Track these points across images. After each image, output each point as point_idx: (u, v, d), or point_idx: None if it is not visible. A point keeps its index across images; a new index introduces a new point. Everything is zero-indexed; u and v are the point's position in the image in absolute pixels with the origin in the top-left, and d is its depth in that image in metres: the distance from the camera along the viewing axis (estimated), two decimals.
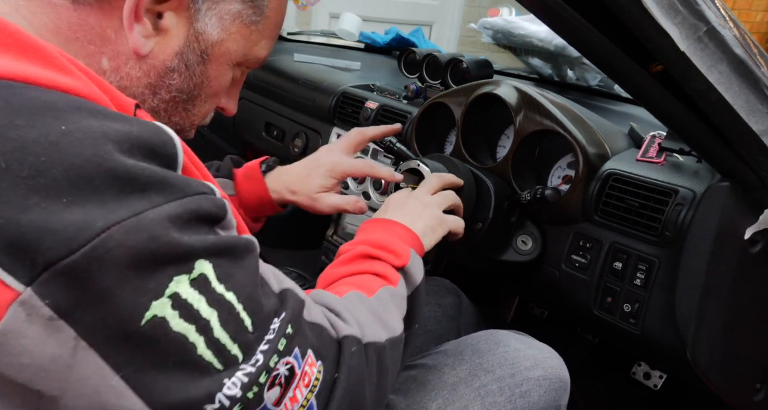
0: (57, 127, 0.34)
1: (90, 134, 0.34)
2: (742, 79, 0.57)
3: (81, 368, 0.33)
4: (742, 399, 0.83)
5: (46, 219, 0.32)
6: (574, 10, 0.53)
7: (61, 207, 0.32)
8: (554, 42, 1.30)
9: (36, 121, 0.34)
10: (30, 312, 0.32)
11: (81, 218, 0.32)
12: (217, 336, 0.37)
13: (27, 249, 0.32)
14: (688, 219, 0.75)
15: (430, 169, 0.86)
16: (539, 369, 0.70)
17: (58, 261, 0.32)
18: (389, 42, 1.76)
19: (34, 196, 0.32)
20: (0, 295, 0.31)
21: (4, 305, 0.31)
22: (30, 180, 0.32)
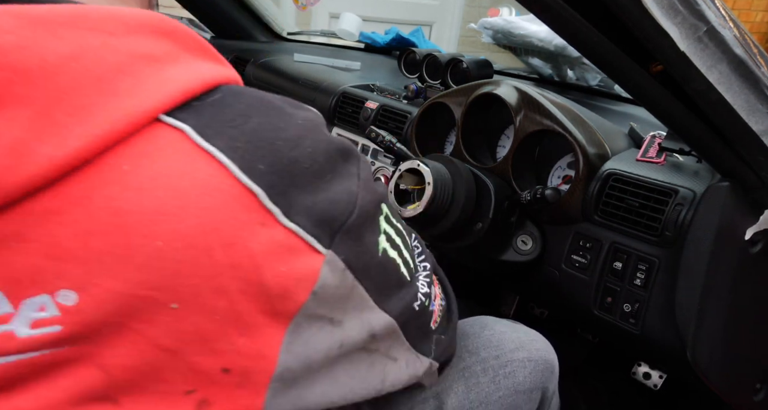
0: (300, 123, 0.41)
1: (313, 122, 0.42)
2: (742, 79, 0.57)
3: (354, 299, 0.43)
4: (742, 399, 0.83)
5: (327, 196, 0.40)
6: (574, 10, 0.53)
7: (330, 183, 0.40)
8: (554, 42, 1.30)
9: (287, 121, 0.40)
10: (333, 268, 0.40)
11: (344, 187, 0.41)
12: (405, 256, 0.49)
13: (325, 220, 0.39)
14: (688, 219, 0.75)
15: (430, 169, 0.86)
16: (524, 351, 0.70)
17: (343, 224, 0.40)
18: (389, 42, 1.76)
19: (318, 181, 0.40)
20: (314, 260, 0.39)
21: (318, 267, 0.39)
22: (311, 169, 0.39)
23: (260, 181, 0.36)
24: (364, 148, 1.29)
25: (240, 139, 0.37)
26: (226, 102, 0.38)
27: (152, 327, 0.35)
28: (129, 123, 0.33)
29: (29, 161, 0.31)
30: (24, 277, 0.32)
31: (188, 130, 0.35)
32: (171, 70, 0.36)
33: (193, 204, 0.35)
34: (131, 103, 0.33)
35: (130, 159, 0.33)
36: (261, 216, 0.36)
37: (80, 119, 0.32)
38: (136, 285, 0.34)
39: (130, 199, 0.33)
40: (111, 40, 0.34)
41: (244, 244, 0.36)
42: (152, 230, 0.33)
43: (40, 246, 0.32)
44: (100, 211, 0.33)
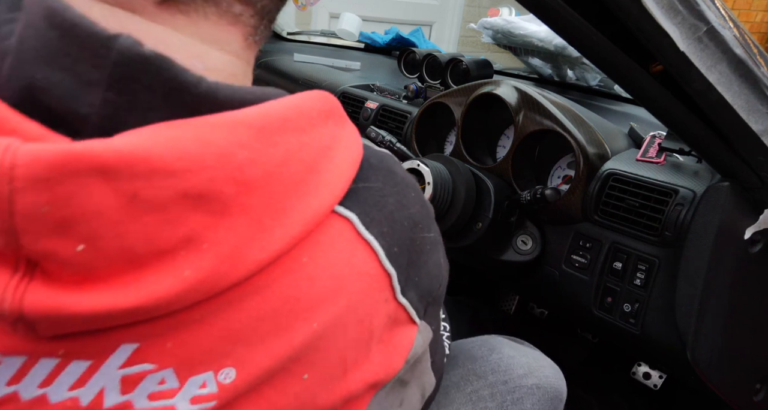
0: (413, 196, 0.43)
1: (418, 192, 0.44)
2: (742, 79, 0.57)
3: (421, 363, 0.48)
4: (742, 399, 0.83)
5: (427, 270, 0.43)
6: (574, 10, 0.53)
7: (428, 256, 0.43)
8: (554, 42, 1.30)
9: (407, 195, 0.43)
10: (424, 337, 0.44)
11: (436, 259, 0.44)
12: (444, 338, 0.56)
13: (425, 294, 0.43)
14: (688, 219, 0.75)
15: (430, 169, 0.86)
16: (533, 378, 0.69)
17: (436, 294, 0.44)
18: (389, 42, 1.76)
19: (422, 256, 0.42)
20: (410, 331, 0.42)
21: (413, 337, 0.43)
22: (420, 245, 0.42)
23: (395, 263, 0.40)
24: None
25: (385, 224, 0.39)
26: (370, 180, 0.40)
27: (283, 396, 0.36)
28: (315, 220, 0.35)
29: (241, 267, 0.32)
30: (195, 357, 0.33)
31: (355, 219, 0.38)
32: (338, 157, 0.37)
33: (347, 289, 0.37)
34: (317, 201, 0.35)
35: (308, 251, 0.35)
36: (387, 294, 0.40)
37: (281, 222, 0.33)
38: (285, 361, 0.35)
39: (302, 287, 0.35)
40: (304, 139, 0.35)
41: (371, 321, 0.39)
42: (313, 314, 0.35)
43: (218, 330, 0.33)
44: (275, 298, 0.34)
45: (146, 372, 0.33)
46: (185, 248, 0.30)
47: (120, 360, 0.32)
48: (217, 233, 0.31)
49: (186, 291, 0.31)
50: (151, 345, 0.32)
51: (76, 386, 0.32)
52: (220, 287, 0.32)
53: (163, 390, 0.33)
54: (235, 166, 0.31)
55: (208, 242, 0.31)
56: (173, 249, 0.30)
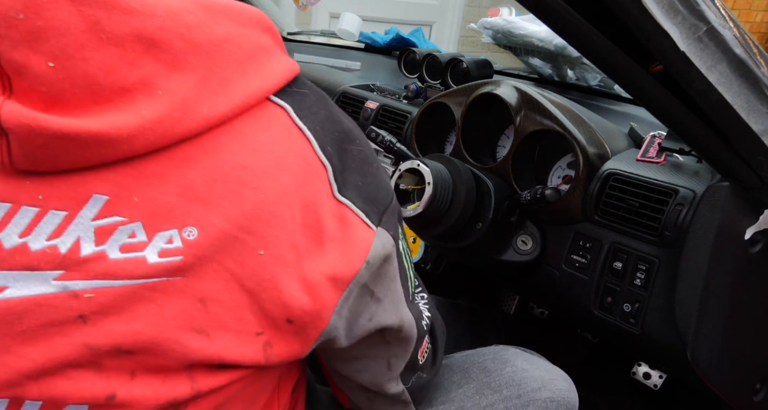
0: (348, 121, 0.49)
1: (357, 125, 0.51)
2: (742, 79, 0.57)
3: (394, 284, 0.50)
4: (742, 399, 0.83)
5: (375, 180, 0.48)
6: (574, 10, 0.53)
7: (376, 170, 0.49)
8: (554, 42, 1.30)
9: (342, 113, 0.50)
10: (383, 241, 0.46)
11: (385, 177, 0.50)
12: (409, 275, 0.54)
13: (374, 201, 0.47)
14: (688, 219, 0.75)
15: (430, 169, 0.86)
16: (546, 391, 0.69)
17: (388, 205, 0.48)
18: (389, 42, 1.76)
19: (365, 166, 0.47)
20: (366, 233, 0.45)
21: (370, 240, 0.45)
22: (360, 155, 0.47)
23: (329, 159, 0.45)
24: None
25: (317, 124, 0.45)
26: (306, 90, 0.47)
27: (242, 269, 0.40)
28: (255, 98, 0.41)
29: (191, 117, 0.38)
30: (161, 213, 0.38)
31: (289, 108, 0.44)
32: (275, 61, 0.44)
33: (288, 167, 0.42)
34: (257, 83, 0.41)
35: (249, 125, 0.41)
36: (327, 188, 0.44)
37: (225, 90, 0.39)
38: (239, 227, 0.39)
39: (247, 156, 0.40)
40: (245, 31, 0.42)
41: (315, 209, 0.43)
42: (259, 184, 0.40)
43: (176, 187, 0.38)
44: (225, 164, 0.40)
45: (117, 224, 0.37)
46: (142, 91, 0.36)
47: (93, 211, 0.37)
48: (170, 83, 0.37)
49: (143, 127, 0.36)
50: (119, 198, 0.37)
51: (53, 236, 0.36)
52: (174, 134, 0.37)
53: (134, 242, 0.38)
54: (182, 24, 0.38)
55: (162, 89, 0.37)
56: (132, 89, 0.36)
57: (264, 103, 0.43)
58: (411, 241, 1.23)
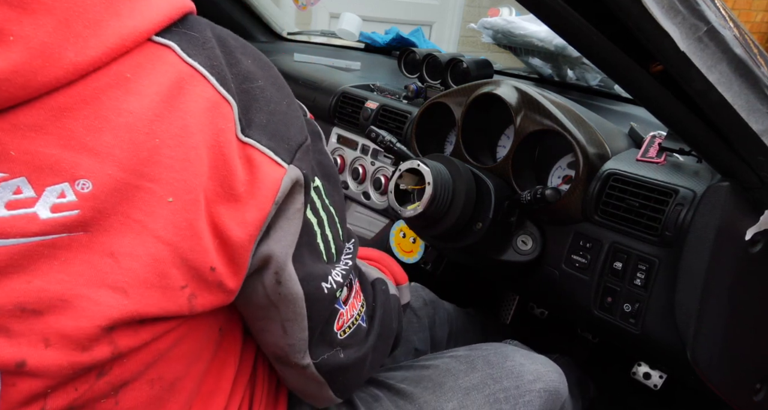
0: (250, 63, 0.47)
1: (265, 63, 0.49)
2: (743, 79, 0.57)
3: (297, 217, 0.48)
4: (742, 399, 0.83)
5: (284, 118, 0.47)
6: (574, 10, 0.53)
7: (287, 107, 0.48)
8: (554, 42, 1.30)
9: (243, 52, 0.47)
10: (294, 179, 0.45)
11: (299, 116, 0.48)
12: (326, 233, 0.52)
13: (283, 138, 0.46)
14: (688, 220, 0.75)
15: (430, 169, 0.86)
16: (541, 382, 0.76)
17: (302, 142, 0.47)
18: (389, 42, 1.76)
19: (274, 105, 0.46)
20: (275, 171, 0.44)
21: (279, 178, 0.44)
22: (263, 93, 0.46)
23: (232, 96, 0.43)
24: (364, 148, 1.29)
25: (213, 60, 0.43)
26: (198, 29, 0.44)
27: (153, 219, 0.39)
28: (132, 39, 0.39)
29: (55, 64, 0.35)
30: (45, 166, 0.36)
31: (175, 46, 0.41)
32: (155, 2, 0.41)
33: (183, 107, 0.40)
34: (132, 23, 0.39)
35: (130, 69, 0.39)
36: (233, 127, 0.42)
37: (95, 32, 0.37)
38: (139, 176, 0.38)
39: (132, 101, 0.38)
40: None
41: (222, 150, 0.41)
42: (152, 129, 0.38)
43: (57, 138, 0.36)
44: (109, 111, 0.37)
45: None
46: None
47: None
48: (22, 28, 0.34)
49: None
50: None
51: None
52: (40, 84, 0.35)
53: (20, 198, 0.36)
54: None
55: (14, 35, 0.34)
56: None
57: (145, 45, 0.40)
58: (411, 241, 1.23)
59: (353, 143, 1.31)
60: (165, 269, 0.40)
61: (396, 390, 0.73)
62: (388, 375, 0.77)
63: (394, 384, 0.74)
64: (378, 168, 1.26)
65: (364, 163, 1.28)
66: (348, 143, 1.33)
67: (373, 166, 1.26)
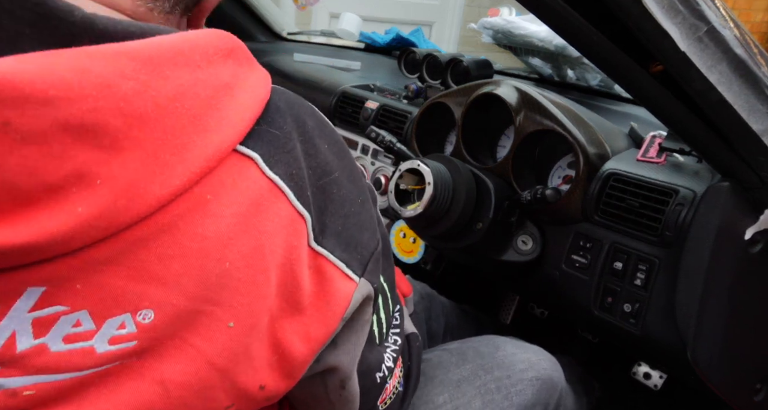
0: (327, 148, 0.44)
1: (341, 146, 0.46)
2: (743, 79, 0.57)
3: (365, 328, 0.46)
4: (742, 399, 0.83)
5: (359, 221, 0.43)
6: (575, 10, 0.53)
7: (360, 207, 0.44)
8: (554, 42, 1.30)
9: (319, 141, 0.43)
10: (365, 294, 0.43)
11: (372, 214, 0.46)
12: (381, 316, 0.50)
13: (357, 247, 0.42)
14: (688, 220, 0.75)
15: (430, 169, 0.86)
16: (533, 371, 0.77)
17: (374, 250, 0.44)
18: (389, 42, 1.76)
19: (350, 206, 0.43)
20: (346, 287, 0.41)
21: (350, 294, 0.42)
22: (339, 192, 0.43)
23: (309, 207, 0.40)
24: (364, 148, 1.29)
25: (294, 166, 0.39)
26: (277, 123, 0.40)
27: (210, 344, 0.36)
28: (217, 157, 0.35)
29: (140, 201, 0.32)
30: (110, 298, 0.33)
31: (258, 159, 0.37)
32: (241, 96, 0.37)
33: (258, 228, 0.37)
34: (219, 138, 0.35)
35: (212, 189, 0.35)
36: (305, 239, 0.40)
37: (181, 158, 0.33)
38: (203, 301, 0.35)
39: (208, 225, 0.35)
40: (200, 74, 0.35)
41: (293, 267, 0.39)
42: (223, 253, 0.36)
43: (127, 269, 0.33)
44: (183, 237, 0.34)
45: (58, 313, 0.32)
46: (77, 184, 0.30)
47: (28, 303, 0.32)
48: (111, 168, 0.31)
49: (81, 227, 0.30)
50: (59, 287, 0.32)
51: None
52: (121, 223, 0.32)
53: (80, 332, 0.33)
54: (119, 97, 0.31)
55: (101, 178, 0.31)
56: (63, 185, 0.30)
57: (229, 157, 0.36)
58: (411, 241, 1.23)
59: (353, 143, 1.31)
60: (213, 394, 0.38)
61: None
62: None
63: None
64: (378, 168, 1.26)
65: (364, 163, 1.28)
66: (348, 143, 1.33)
67: (373, 166, 1.26)
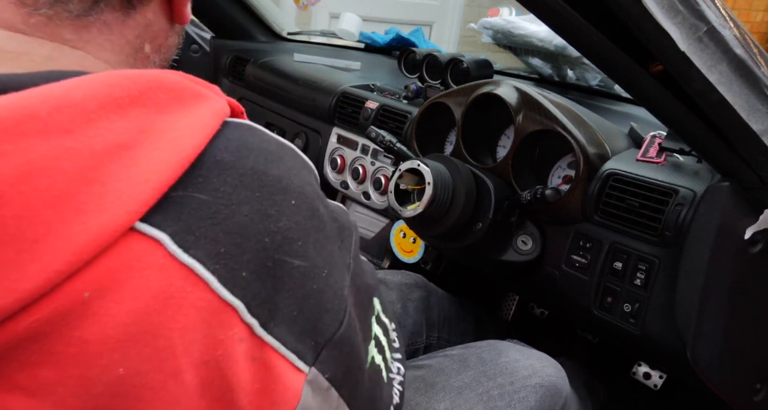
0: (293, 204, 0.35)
1: (308, 197, 0.36)
2: (743, 79, 0.57)
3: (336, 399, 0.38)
4: (742, 399, 0.83)
5: (318, 301, 0.35)
6: (575, 10, 0.53)
7: (323, 284, 0.35)
8: (554, 42, 1.30)
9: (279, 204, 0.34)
10: (315, 387, 0.35)
11: (335, 291, 0.36)
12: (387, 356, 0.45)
13: (311, 333, 0.34)
14: (688, 219, 0.75)
15: (430, 169, 0.86)
16: (536, 378, 0.75)
17: (332, 336, 0.36)
18: (389, 42, 1.76)
19: (307, 282, 0.34)
20: (295, 380, 0.34)
21: (299, 388, 0.34)
22: (300, 268, 0.34)
23: (242, 292, 0.32)
24: (364, 148, 1.29)
25: (223, 242, 0.31)
26: (211, 185, 0.31)
27: None
28: (97, 245, 0.28)
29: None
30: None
31: (165, 239, 0.30)
32: (145, 158, 0.29)
33: (162, 325, 0.30)
34: (99, 220, 0.27)
35: (92, 284, 0.28)
36: (240, 332, 0.32)
37: (34, 255, 0.26)
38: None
39: (89, 327, 0.28)
40: (67, 142, 0.27)
41: (218, 364, 0.32)
42: (113, 359, 0.29)
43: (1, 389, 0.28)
44: (56, 343, 0.28)
45: None
46: None
47: None
48: None
49: None
50: None
51: None
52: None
53: None
54: None
55: None
56: None
57: (123, 241, 0.29)
58: (411, 241, 1.23)
59: (353, 143, 1.31)
60: None
61: None
62: None
63: None
64: (378, 168, 1.26)
65: (364, 163, 1.28)
66: (348, 143, 1.33)
67: (373, 166, 1.26)
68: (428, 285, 1.08)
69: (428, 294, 1.05)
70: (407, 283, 1.04)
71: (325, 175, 1.38)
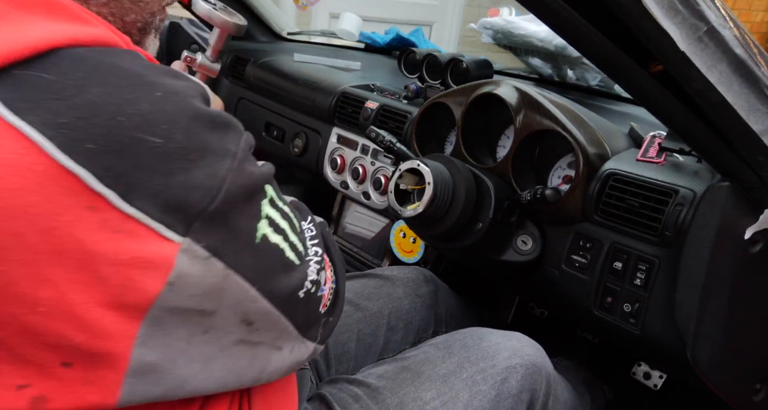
0: (159, 95, 0.38)
1: (179, 94, 0.39)
2: (743, 79, 0.57)
3: (230, 288, 0.41)
4: (742, 399, 0.83)
5: (186, 178, 0.37)
6: (575, 11, 0.53)
7: (191, 164, 0.38)
8: (554, 42, 1.30)
9: (140, 92, 0.37)
10: (191, 256, 0.38)
11: (208, 171, 0.39)
12: (292, 240, 0.47)
13: (180, 206, 0.37)
14: (688, 219, 0.75)
15: (430, 169, 0.86)
16: (516, 358, 0.77)
17: (202, 210, 0.38)
18: (389, 42, 1.76)
19: (173, 162, 0.37)
20: (167, 249, 0.37)
21: (172, 256, 0.37)
22: (163, 148, 0.37)
23: (88, 162, 0.34)
24: (364, 148, 1.29)
25: (66, 115, 0.34)
26: (60, 69, 0.35)
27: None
28: None
29: None
30: None
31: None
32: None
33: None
34: None
35: None
36: (89, 200, 0.34)
37: None
38: None
39: None
40: None
41: (68, 230, 0.34)
42: None
43: None
44: None
45: None
46: None
47: None
48: None
49: None
50: None
51: None
52: None
53: None
54: None
55: None
56: None
57: None
58: (411, 241, 1.24)
59: (353, 143, 1.31)
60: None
61: (375, 387, 0.72)
62: (370, 372, 0.77)
63: (373, 381, 0.74)
64: (378, 168, 1.26)
65: (364, 163, 1.28)
66: (348, 143, 1.33)
67: (373, 166, 1.26)
68: (435, 279, 1.08)
69: (436, 288, 1.05)
70: (415, 278, 1.03)
71: (325, 175, 1.38)
